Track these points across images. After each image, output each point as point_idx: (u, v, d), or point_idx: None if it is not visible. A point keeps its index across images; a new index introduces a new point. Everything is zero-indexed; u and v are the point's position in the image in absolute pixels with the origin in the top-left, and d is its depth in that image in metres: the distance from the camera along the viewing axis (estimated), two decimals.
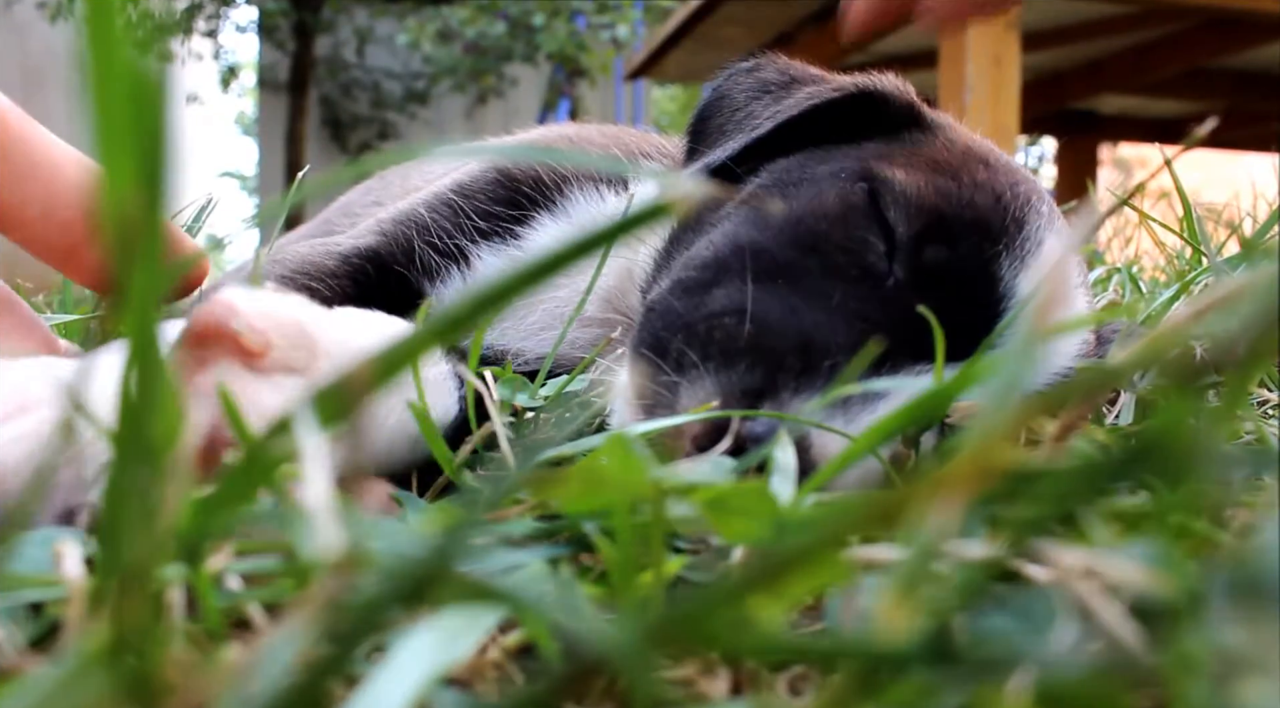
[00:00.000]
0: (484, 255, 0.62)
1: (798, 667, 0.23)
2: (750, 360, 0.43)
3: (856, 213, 0.49)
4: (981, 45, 2.41)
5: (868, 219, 0.49)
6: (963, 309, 0.47)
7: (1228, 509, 0.27)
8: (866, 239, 0.48)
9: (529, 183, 0.63)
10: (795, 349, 0.43)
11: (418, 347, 0.20)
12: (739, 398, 0.42)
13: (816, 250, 0.48)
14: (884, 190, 0.49)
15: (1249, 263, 0.57)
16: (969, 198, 0.50)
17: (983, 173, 0.52)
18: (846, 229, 0.48)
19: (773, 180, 0.54)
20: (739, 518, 0.25)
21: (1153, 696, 0.19)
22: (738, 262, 0.48)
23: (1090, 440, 0.32)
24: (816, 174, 0.52)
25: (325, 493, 0.19)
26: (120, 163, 0.16)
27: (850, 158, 0.53)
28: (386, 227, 0.63)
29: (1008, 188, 0.51)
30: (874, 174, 0.50)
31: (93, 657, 0.17)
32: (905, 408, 0.30)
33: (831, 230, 0.49)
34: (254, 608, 0.23)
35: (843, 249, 0.48)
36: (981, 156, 0.54)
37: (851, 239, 0.48)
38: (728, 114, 0.60)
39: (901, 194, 0.49)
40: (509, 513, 0.28)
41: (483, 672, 0.23)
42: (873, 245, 0.48)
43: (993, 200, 0.50)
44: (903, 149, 0.54)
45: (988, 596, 0.21)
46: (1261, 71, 3.56)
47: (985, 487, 0.18)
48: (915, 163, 0.52)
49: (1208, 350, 0.47)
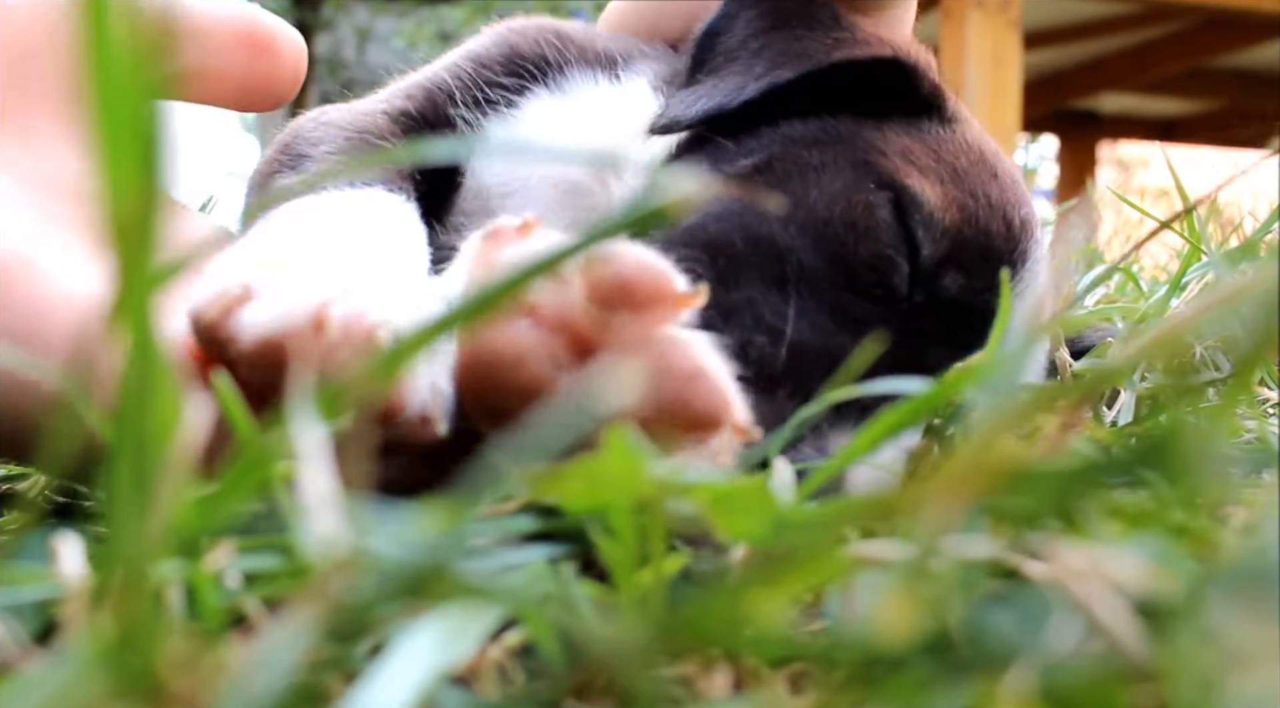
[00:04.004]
0: (489, 124, 0.61)
1: (798, 664, 0.23)
2: (790, 389, 0.42)
3: (885, 228, 0.47)
4: (982, 44, 2.41)
5: (895, 236, 0.47)
6: (964, 337, 0.47)
7: (1228, 508, 0.28)
8: (894, 259, 0.47)
9: (534, 60, 0.62)
10: (830, 379, 0.42)
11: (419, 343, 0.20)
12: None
13: (843, 263, 0.47)
14: (913, 207, 0.48)
15: (1248, 259, 0.57)
16: (985, 224, 0.49)
17: (995, 190, 0.51)
18: (875, 245, 0.47)
19: (787, 152, 0.51)
20: (739, 516, 0.25)
21: (1152, 693, 0.19)
22: (760, 260, 0.46)
23: (1090, 439, 0.32)
24: (839, 161, 0.50)
25: (325, 490, 0.19)
26: (120, 159, 0.16)
27: (874, 147, 0.51)
28: (414, 91, 0.62)
29: (1017, 214, 0.51)
30: (903, 185, 0.48)
31: (92, 655, 0.17)
32: (905, 407, 0.30)
33: (860, 244, 0.47)
34: (254, 606, 0.23)
35: (869, 266, 0.47)
36: (992, 166, 0.53)
37: (880, 257, 0.47)
38: (740, 37, 0.56)
39: (930, 215, 0.48)
40: (508, 510, 0.28)
41: (484, 670, 0.23)
42: (898, 266, 0.47)
43: (1005, 229, 0.50)
44: (925, 146, 0.52)
45: (987, 593, 0.21)
46: (1261, 71, 3.56)
47: (986, 485, 0.18)
48: (939, 171, 0.51)
49: (1208, 349, 0.47)
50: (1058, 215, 1.35)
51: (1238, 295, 0.19)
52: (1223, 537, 0.24)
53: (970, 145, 0.54)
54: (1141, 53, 3.37)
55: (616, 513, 0.24)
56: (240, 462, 0.22)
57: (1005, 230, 0.50)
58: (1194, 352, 0.48)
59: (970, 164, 0.52)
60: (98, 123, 0.16)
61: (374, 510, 0.21)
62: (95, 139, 0.16)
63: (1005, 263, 0.49)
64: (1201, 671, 0.17)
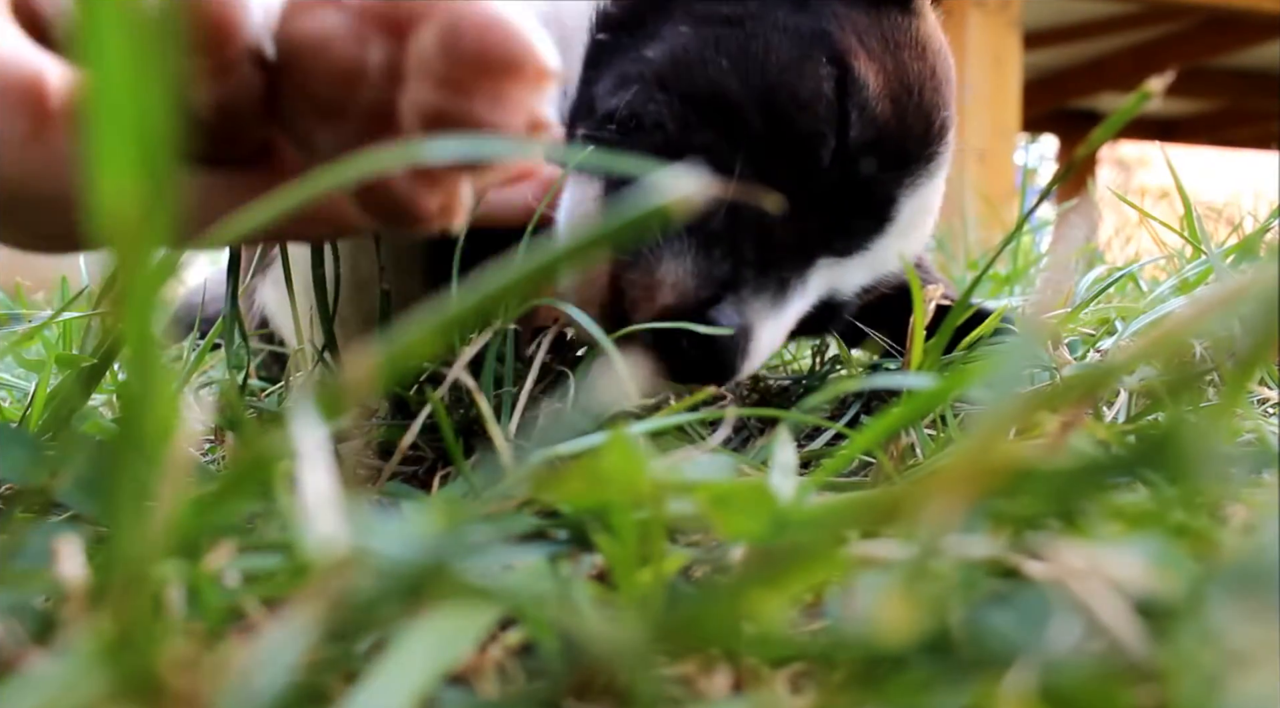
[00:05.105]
0: None
1: (798, 664, 0.23)
2: (725, 249, 0.45)
3: (825, 104, 0.49)
4: (982, 44, 2.41)
5: (831, 112, 0.49)
6: (861, 221, 0.51)
7: (1228, 508, 0.28)
8: (826, 135, 0.49)
9: None
10: (758, 242, 0.46)
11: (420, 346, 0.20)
12: (712, 285, 0.44)
13: (782, 129, 0.48)
14: (854, 89, 0.49)
15: (1247, 258, 0.57)
16: (910, 121, 0.51)
17: (928, 90, 0.53)
18: (813, 119, 0.49)
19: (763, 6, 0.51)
20: (739, 515, 0.25)
21: (1152, 693, 0.19)
22: (716, 110, 0.47)
23: (1090, 437, 0.32)
24: (800, 27, 0.51)
25: (325, 490, 0.19)
26: (120, 157, 0.16)
27: (836, 18, 0.52)
28: None
29: (938, 117, 0.53)
30: (849, 65, 0.50)
31: (92, 655, 0.17)
32: (905, 407, 0.30)
33: (800, 115, 0.49)
34: (254, 606, 0.23)
35: (804, 136, 0.49)
36: (932, 64, 0.54)
37: (815, 131, 0.49)
38: None
39: (865, 100, 0.50)
40: (508, 508, 0.28)
41: (484, 670, 0.23)
42: (827, 143, 0.49)
43: (924, 130, 0.52)
44: (881, 31, 0.53)
45: (987, 593, 0.21)
46: (1261, 71, 3.56)
47: (986, 485, 0.18)
48: (885, 59, 0.52)
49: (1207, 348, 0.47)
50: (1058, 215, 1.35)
51: (1238, 295, 0.19)
52: (1223, 537, 0.24)
53: (919, 40, 0.55)
54: (1141, 53, 3.37)
55: (616, 513, 0.24)
56: (240, 462, 0.22)
57: (924, 131, 0.52)
58: (1194, 352, 0.49)
59: (913, 58, 0.53)
60: (98, 122, 0.16)
61: (374, 510, 0.21)
62: (95, 139, 0.16)
63: (914, 160, 0.52)
64: (1201, 671, 0.17)
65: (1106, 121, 0.34)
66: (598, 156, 0.42)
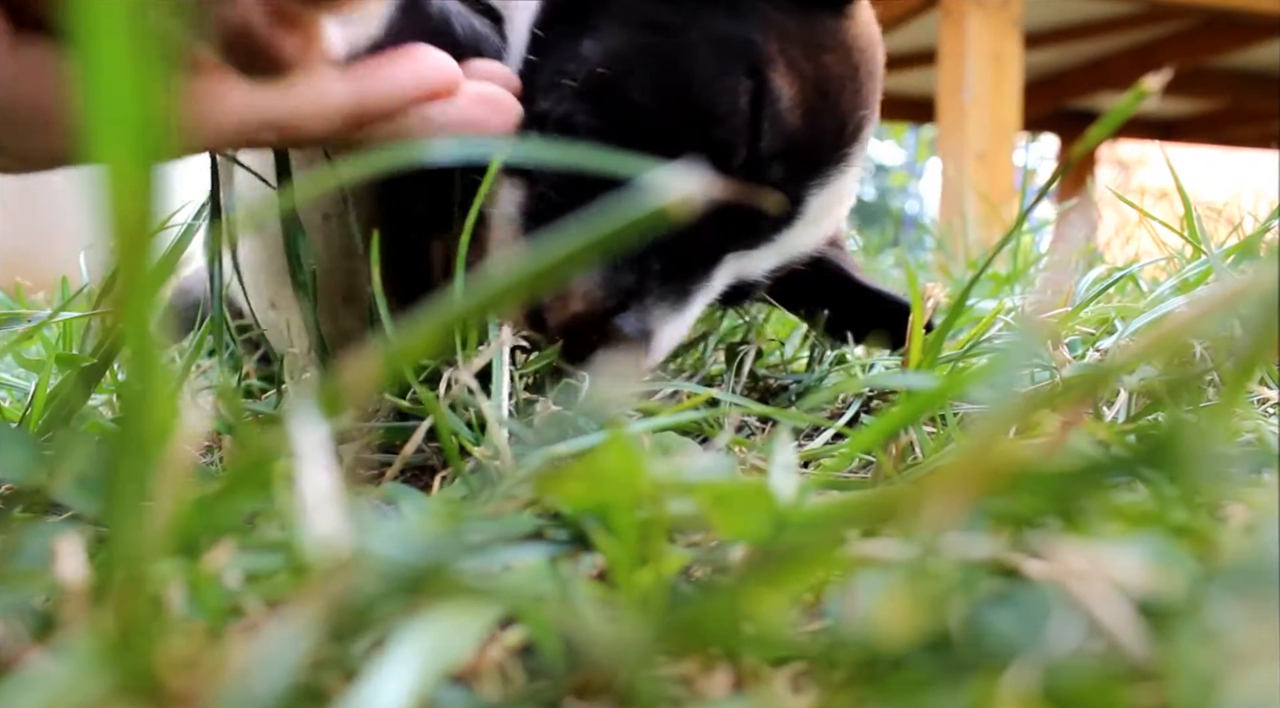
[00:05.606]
0: None
1: (798, 664, 0.23)
2: (633, 259, 0.48)
3: (739, 116, 0.50)
4: (982, 43, 2.41)
5: (744, 124, 0.50)
6: (768, 223, 0.53)
7: (1227, 507, 0.28)
8: (736, 145, 0.50)
9: None
10: (664, 251, 0.48)
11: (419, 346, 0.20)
12: (617, 295, 0.47)
13: (696, 142, 0.49)
14: (768, 102, 0.50)
15: (1247, 258, 0.57)
16: (822, 127, 0.53)
17: (847, 95, 0.54)
18: (727, 131, 0.50)
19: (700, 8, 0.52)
20: (739, 515, 0.25)
21: (1152, 693, 0.19)
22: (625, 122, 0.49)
23: (1090, 437, 0.32)
24: (728, 35, 0.51)
25: (325, 489, 0.19)
26: (120, 156, 0.16)
27: (763, 26, 0.52)
28: None
29: (853, 119, 0.54)
30: (766, 78, 0.50)
31: (92, 654, 0.17)
32: (905, 407, 0.30)
33: (715, 126, 0.50)
34: (254, 605, 0.23)
35: (717, 146, 0.50)
36: (854, 65, 0.55)
37: (726, 141, 0.50)
38: None
39: (778, 113, 0.51)
40: (508, 509, 0.28)
41: (484, 670, 0.23)
42: (738, 152, 0.50)
43: (836, 135, 0.53)
44: (805, 37, 0.53)
45: (987, 593, 0.21)
46: (1261, 71, 3.56)
47: (986, 485, 0.18)
48: (804, 68, 0.52)
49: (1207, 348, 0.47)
50: (1058, 215, 1.35)
51: (1238, 295, 0.19)
52: (1223, 537, 0.24)
53: (846, 42, 0.55)
54: (1141, 53, 3.37)
55: (616, 513, 0.24)
56: (240, 462, 0.22)
57: (836, 136, 0.54)
58: (1194, 352, 0.49)
59: (835, 62, 0.54)
60: (98, 122, 0.16)
61: (374, 510, 0.21)
62: (96, 138, 0.16)
63: (826, 162, 0.54)
64: (1201, 671, 0.17)
65: (1104, 119, 0.34)
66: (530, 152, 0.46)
